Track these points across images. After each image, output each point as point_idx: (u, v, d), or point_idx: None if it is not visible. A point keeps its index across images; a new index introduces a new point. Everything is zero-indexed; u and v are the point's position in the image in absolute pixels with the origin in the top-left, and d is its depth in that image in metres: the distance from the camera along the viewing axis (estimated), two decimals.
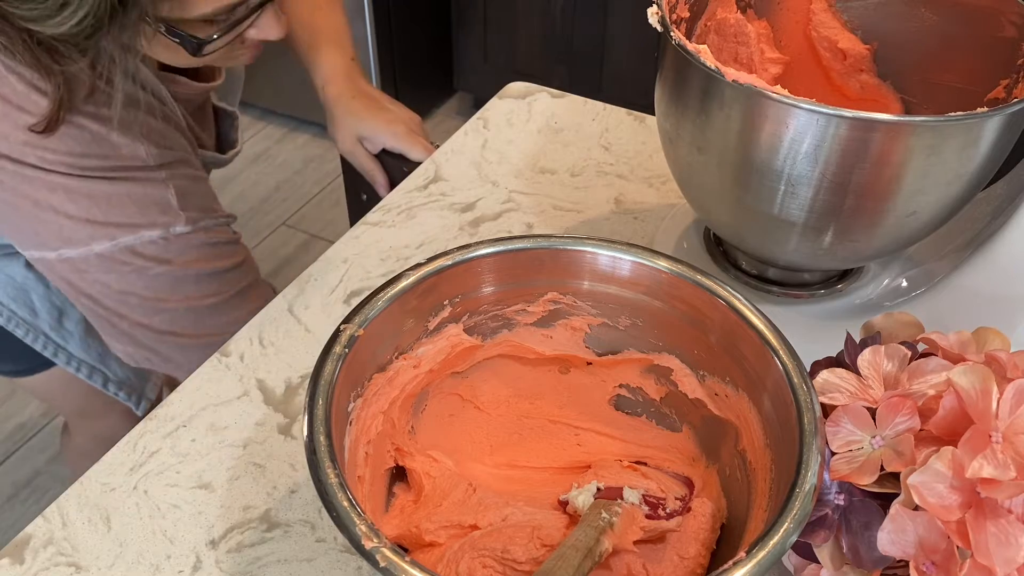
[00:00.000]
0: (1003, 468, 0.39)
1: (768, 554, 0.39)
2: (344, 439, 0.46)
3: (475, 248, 0.52)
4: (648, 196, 0.80)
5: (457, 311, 0.53)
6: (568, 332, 0.56)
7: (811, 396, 0.44)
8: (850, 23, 0.68)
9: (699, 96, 0.55)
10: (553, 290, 0.54)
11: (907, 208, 0.54)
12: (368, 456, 0.49)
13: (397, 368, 0.51)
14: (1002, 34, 0.60)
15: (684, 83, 0.57)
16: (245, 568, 0.52)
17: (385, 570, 0.38)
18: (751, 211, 0.57)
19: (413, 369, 0.52)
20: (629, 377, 0.57)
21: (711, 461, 0.54)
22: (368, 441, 0.49)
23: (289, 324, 0.68)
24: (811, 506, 0.40)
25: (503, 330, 0.55)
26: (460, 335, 0.54)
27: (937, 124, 0.50)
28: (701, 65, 0.52)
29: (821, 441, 0.43)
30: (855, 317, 0.63)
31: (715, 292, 0.50)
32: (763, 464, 0.47)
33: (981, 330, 0.49)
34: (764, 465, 0.47)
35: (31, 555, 0.53)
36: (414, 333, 0.52)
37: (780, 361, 0.46)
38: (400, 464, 0.53)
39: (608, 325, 0.55)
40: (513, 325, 0.55)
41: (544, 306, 0.55)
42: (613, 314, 0.54)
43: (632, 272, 0.52)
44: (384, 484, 0.52)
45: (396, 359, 0.51)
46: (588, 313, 0.55)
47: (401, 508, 0.52)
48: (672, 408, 0.56)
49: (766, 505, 0.45)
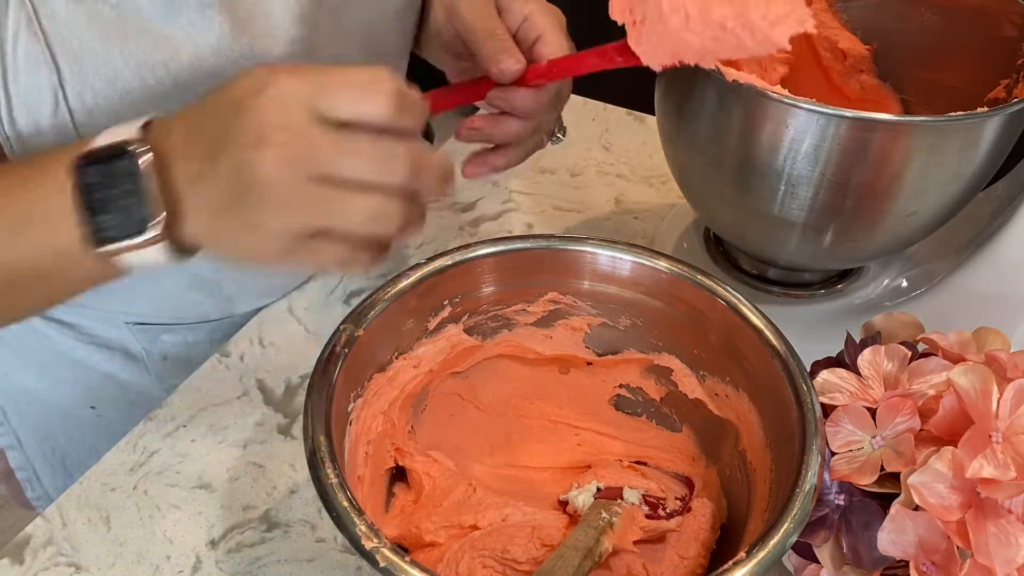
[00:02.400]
0: (1003, 468, 0.39)
1: (768, 554, 0.38)
2: (344, 439, 0.46)
3: (475, 248, 0.52)
4: (648, 196, 0.80)
5: (457, 311, 0.53)
6: (568, 332, 0.56)
7: (811, 396, 0.44)
8: (850, 23, 0.68)
9: (699, 96, 0.55)
10: (553, 290, 0.54)
11: (907, 208, 0.54)
12: (368, 456, 0.49)
13: (397, 368, 0.51)
14: (1002, 34, 0.60)
15: (684, 83, 0.57)
16: (245, 568, 0.52)
17: (385, 570, 0.38)
18: (751, 211, 0.57)
19: (413, 369, 0.52)
20: (629, 377, 0.57)
21: (711, 461, 0.54)
22: (368, 441, 0.49)
23: (289, 324, 0.68)
24: (811, 506, 0.40)
25: (503, 330, 0.55)
26: (460, 335, 0.54)
27: (937, 124, 0.50)
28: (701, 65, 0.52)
29: (821, 441, 0.43)
30: (855, 317, 0.63)
31: (715, 292, 0.50)
32: (763, 464, 0.47)
33: (981, 330, 0.49)
34: (764, 465, 0.47)
35: (31, 555, 0.53)
36: (414, 333, 0.52)
37: (780, 361, 0.46)
38: (400, 464, 0.53)
39: (608, 325, 0.55)
40: (513, 325, 0.55)
41: (544, 306, 0.55)
42: (613, 314, 0.54)
43: (632, 272, 0.52)
44: (384, 484, 0.52)
45: (396, 359, 0.51)
46: (588, 313, 0.55)
47: (401, 508, 0.52)
48: (672, 408, 0.56)
49: (766, 506, 0.45)
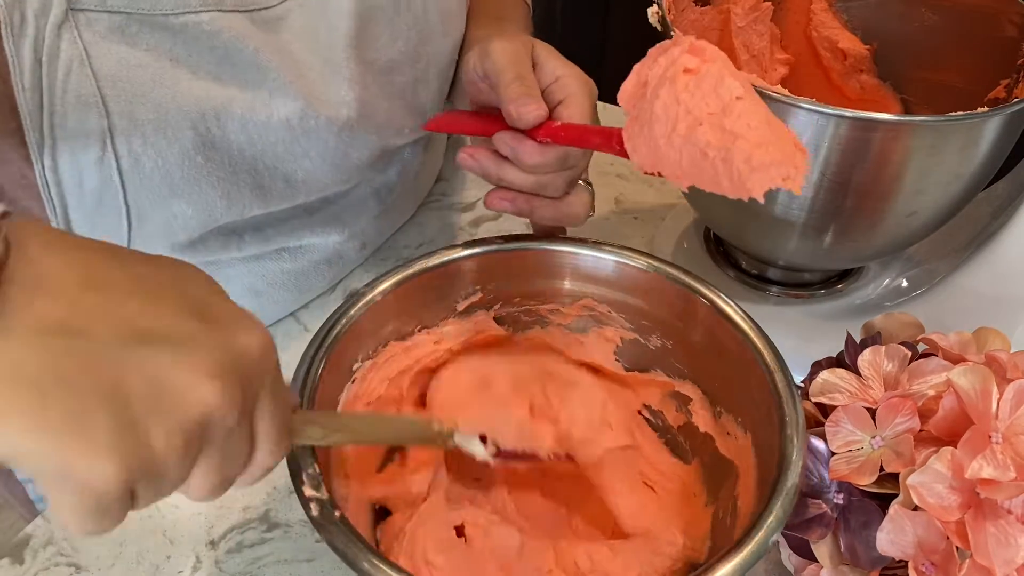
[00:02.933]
0: (1003, 468, 0.39)
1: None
2: (341, 393, 0.47)
3: (517, 241, 0.52)
4: (648, 196, 0.80)
5: (489, 298, 0.53)
6: (601, 341, 0.55)
7: (797, 458, 0.41)
8: (850, 23, 0.68)
9: None
10: (590, 297, 0.54)
11: (907, 208, 0.54)
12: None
13: (417, 340, 0.52)
14: (1002, 34, 0.60)
15: None
16: (245, 568, 0.52)
17: (314, 519, 0.39)
18: (751, 211, 0.57)
19: (433, 344, 0.53)
20: (652, 399, 0.56)
21: (710, 501, 0.51)
22: (368, 403, 0.50)
23: (289, 324, 0.68)
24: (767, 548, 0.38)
25: (535, 326, 0.55)
26: (489, 322, 0.54)
27: (937, 124, 0.50)
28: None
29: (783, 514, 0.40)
30: (855, 317, 0.63)
31: (742, 330, 0.47)
32: (750, 513, 0.44)
33: (981, 330, 0.49)
34: (746, 513, 0.44)
35: (31, 555, 0.53)
36: (441, 312, 0.53)
37: (780, 413, 0.43)
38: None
39: (640, 342, 0.54)
40: (546, 323, 0.55)
41: (579, 311, 0.55)
42: (645, 332, 0.53)
43: (677, 296, 0.51)
44: (382, 451, 0.53)
45: (418, 332, 0.52)
46: (622, 326, 0.54)
47: (391, 472, 0.52)
48: (687, 438, 0.54)
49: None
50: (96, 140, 0.46)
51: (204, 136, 0.49)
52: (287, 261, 0.63)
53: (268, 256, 0.62)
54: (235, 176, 0.53)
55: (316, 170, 0.57)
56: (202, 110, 0.49)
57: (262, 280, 0.63)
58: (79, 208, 0.49)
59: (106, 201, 0.49)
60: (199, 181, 0.51)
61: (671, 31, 0.55)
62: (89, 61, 0.45)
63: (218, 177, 0.52)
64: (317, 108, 0.53)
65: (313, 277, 0.66)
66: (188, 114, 0.48)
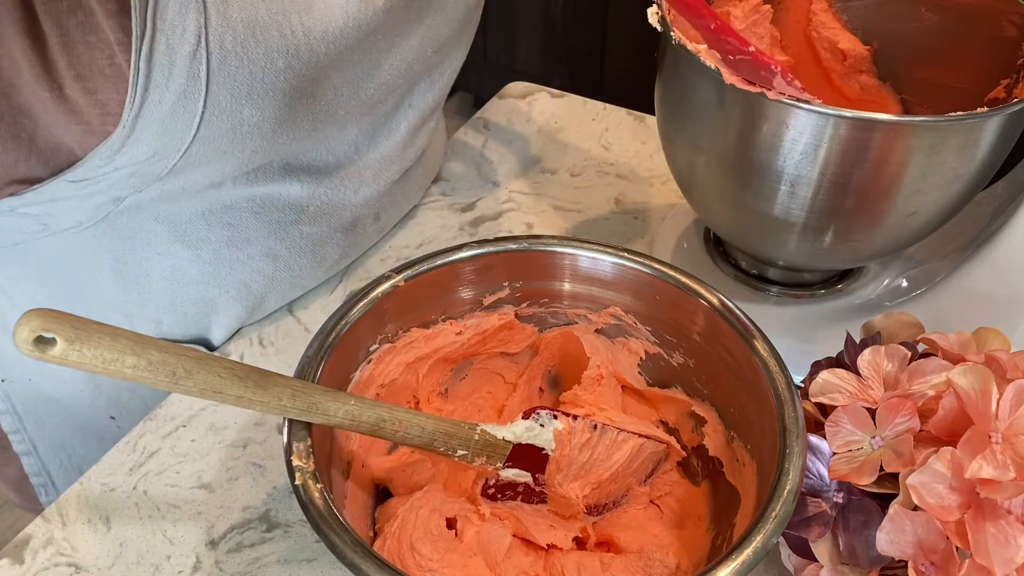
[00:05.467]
0: (1003, 469, 0.39)
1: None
2: (354, 372, 0.49)
3: (545, 241, 0.53)
4: (648, 196, 0.80)
5: (517, 295, 0.54)
6: (626, 352, 0.55)
7: (797, 460, 0.42)
8: (850, 23, 0.68)
9: (699, 96, 0.55)
10: (617, 305, 0.54)
11: (907, 208, 0.54)
12: (379, 398, 0.50)
13: (439, 329, 0.53)
14: (1002, 34, 0.60)
15: (684, 83, 0.57)
16: (245, 568, 0.52)
17: (296, 487, 0.41)
18: (751, 211, 0.57)
19: (456, 336, 0.53)
20: (670, 416, 0.55)
21: (712, 526, 0.50)
22: (382, 384, 0.51)
23: (289, 324, 0.68)
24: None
25: (561, 327, 0.56)
26: (513, 319, 0.55)
27: (937, 124, 0.50)
28: (701, 65, 0.52)
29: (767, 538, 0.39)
30: (855, 317, 0.63)
31: (761, 356, 0.47)
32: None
33: (981, 330, 0.49)
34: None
35: (31, 555, 0.53)
36: (467, 304, 0.53)
37: (783, 441, 0.43)
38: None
39: (663, 357, 0.54)
40: (573, 327, 0.55)
41: (605, 318, 0.55)
42: (669, 347, 0.53)
43: (704, 316, 0.50)
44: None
45: (442, 321, 0.53)
46: (647, 339, 0.54)
47: (400, 454, 0.52)
48: (699, 460, 0.54)
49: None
50: (192, 34, 0.47)
51: (289, 40, 0.50)
52: (306, 224, 0.65)
53: (289, 221, 0.63)
54: (304, 85, 0.54)
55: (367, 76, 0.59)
56: (286, 11, 0.50)
57: (280, 243, 0.64)
58: (158, 104, 0.49)
59: (188, 98, 0.49)
60: (275, 87, 0.52)
61: (671, 31, 0.55)
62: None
63: (292, 85, 0.53)
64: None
65: (329, 245, 0.67)
66: (275, 16, 0.50)
